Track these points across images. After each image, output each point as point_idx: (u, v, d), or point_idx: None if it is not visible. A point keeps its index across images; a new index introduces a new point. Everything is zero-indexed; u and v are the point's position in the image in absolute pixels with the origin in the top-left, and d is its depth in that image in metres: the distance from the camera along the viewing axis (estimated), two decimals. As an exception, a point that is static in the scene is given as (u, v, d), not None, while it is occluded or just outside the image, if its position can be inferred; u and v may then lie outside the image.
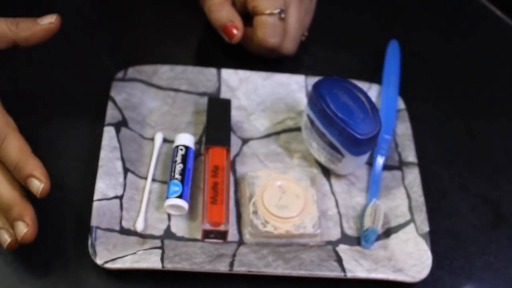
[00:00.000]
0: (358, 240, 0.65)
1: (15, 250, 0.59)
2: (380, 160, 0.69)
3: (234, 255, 0.61)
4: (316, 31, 0.79)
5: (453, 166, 0.72)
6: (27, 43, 0.62)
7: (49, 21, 0.63)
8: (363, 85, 0.72)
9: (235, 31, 0.72)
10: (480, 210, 0.69)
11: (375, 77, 0.75)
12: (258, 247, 0.63)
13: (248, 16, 0.73)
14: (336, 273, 0.61)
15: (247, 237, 0.64)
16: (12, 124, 0.61)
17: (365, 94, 0.66)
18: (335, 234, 0.65)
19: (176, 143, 0.67)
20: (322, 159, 0.68)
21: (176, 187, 0.64)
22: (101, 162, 0.64)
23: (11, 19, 0.63)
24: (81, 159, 0.66)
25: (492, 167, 0.73)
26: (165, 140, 0.69)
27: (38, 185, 0.58)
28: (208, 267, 0.60)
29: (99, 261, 0.59)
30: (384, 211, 0.66)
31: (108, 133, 0.66)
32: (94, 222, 0.61)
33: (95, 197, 0.62)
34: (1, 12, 0.64)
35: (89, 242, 0.60)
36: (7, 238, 0.58)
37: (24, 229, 0.57)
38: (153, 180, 0.66)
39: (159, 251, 0.61)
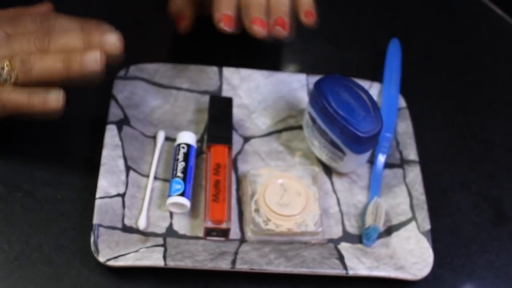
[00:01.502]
0: (359, 238, 0.65)
1: (19, 248, 0.59)
2: (381, 158, 0.69)
3: (236, 253, 0.61)
4: (318, 30, 0.79)
5: (454, 164, 0.72)
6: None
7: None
8: (364, 83, 0.72)
9: (183, 22, 0.72)
10: (481, 208, 0.69)
11: (377, 76, 0.75)
12: (260, 245, 0.63)
13: None
14: (337, 271, 0.61)
15: (249, 235, 0.64)
16: None
17: (366, 92, 0.67)
18: (337, 232, 0.65)
19: (178, 141, 0.67)
20: (324, 157, 0.68)
21: (178, 185, 0.64)
22: (103, 160, 0.64)
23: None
24: (83, 157, 0.66)
25: (493, 165, 0.73)
26: (167, 138, 0.69)
27: (110, 31, 0.62)
28: (210, 265, 0.60)
29: (101, 258, 0.59)
30: (386, 209, 0.66)
31: (110, 131, 0.66)
32: (96, 220, 0.61)
33: (97, 195, 0.62)
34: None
35: (92, 239, 0.60)
36: (96, 54, 0.60)
37: (116, 37, 0.61)
38: (155, 178, 0.66)
39: (162, 248, 0.61)
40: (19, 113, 0.61)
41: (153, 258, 0.60)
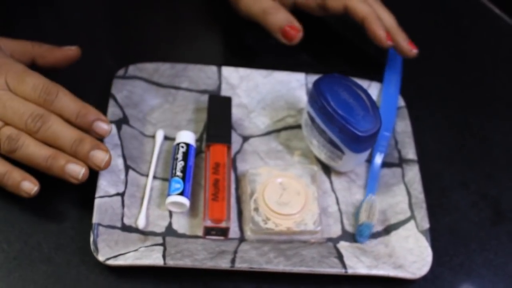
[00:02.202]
0: (354, 236, 0.65)
1: (19, 247, 0.59)
2: (378, 157, 0.69)
3: (235, 252, 0.61)
4: (316, 29, 0.79)
5: (453, 163, 0.72)
6: (44, 61, 0.66)
7: (69, 47, 0.67)
8: (363, 82, 0.72)
9: (296, 34, 0.73)
10: (480, 207, 0.69)
11: (376, 75, 0.75)
12: (259, 244, 0.63)
13: None
14: (337, 270, 0.61)
15: (248, 234, 0.64)
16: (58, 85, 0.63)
17: (365, 92, 0.67)
18: (336, 231, 0.65)
19: (177, 141, 0.67)
20: (323, 156, 0.69)
21: (177, 184, 0.64)
22: (103, 159, 0.64)
23: (37, 42, 0.67)
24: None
25: (492, 164, 0.73)
26: (166, 138, 0.69)
27: (105, 127, 0.63)
28: (209, 264, 0.60)
29: (101, 258, 0.59)
30: (384, 207, 0.67)
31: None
32: (95, 219, 0.61)
33: (97, 194, 0.62)
34: (3, 11, 0.64)
35: (91, 239, 0.60)
36: (80, 169, 0.60)
37: (105, 155, 0.61)
38: (154, 177, 0.66)
39: (161, 248, 0.61)
40: None
41: (152, 257, 0.60)
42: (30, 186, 0.61)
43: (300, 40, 0.73)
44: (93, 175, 0.63)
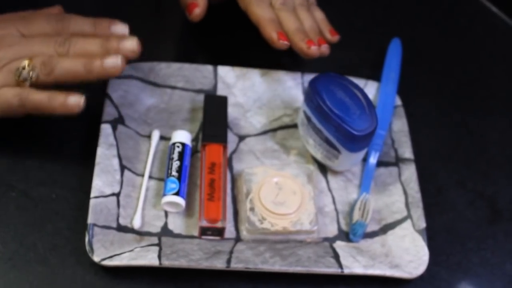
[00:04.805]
0: (347, 234, 0.65)
1: (14, 248, 0.59)
2: (373, 156, 0.69)
3: (231, 252, 0.61)
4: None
5: (450, 162, 0.72)
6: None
7: (51, 8, 0.68)
8: (359, 81, 0.72)
9: (196, 9, 0.72)
10: (477, 206, 0.69)
11: (372, 74, 0.75)
12: (255, 244, 0.63)
13: None
14: (333, 270, 0.61)
15: (244, 233, 0.64)
16: None
17: (361, 91, 0.66)
18: (332, 231, 0.65)
19: (172, 140, 0.67)
20: (319, 156, 0.68)
21: (173, 184, 0.64)
22: (98, 159, 0.64)
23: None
24: (78, 157, 0.66)
25: (488, 163, 0.73)
26: (161, 137, 0.69)
27: (122, 26, 0.65)
28: (205, 264, 0.60)
29: (96, 258, 0.59)
30: (380, 206, 0.67)
31: (105, 130, 0.66)
32: (91, 219, 0.61)
33: (92, 194, 0.62)
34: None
35: (86, 239, 0.60)
36: (116, 58, 0.62)
37: (132, 41, 0.63)
38: (150, 177, 0.66)
39: (156, 248, 0.61)
40: (38, 112, 0.62)
41: (148, 257, 0.59)
42: (76, 98, 0.62)
43: (201, 17, 0.72)
44: (89, 175, 0.63)
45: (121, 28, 0.66)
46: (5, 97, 0.61)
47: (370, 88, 0.74)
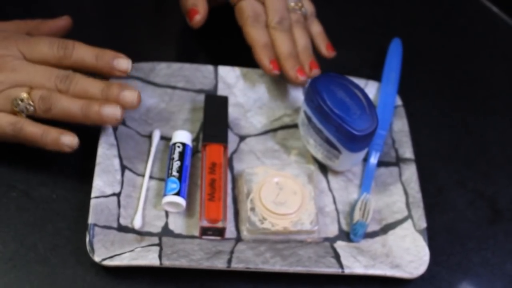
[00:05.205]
0: (348, 234, 0.65)
1: (14, 248, 0.59)
2: (374, 156, 0.69)
3: (232, 252, 0.61)
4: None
5: (450, 162, 0.72)
6: (39, 33, 0.66)
7: (60, 18, 0.68)
8: (360, 81, 0.72)
9: (196, 16, 0.72)
10: (477, 206, 0.69)
11: (373, 74, 0.75)
12: (255, 244, 0.63)
13: None
14: (333, 270, 0.61)
15: (244, 233, 0.64)
16: None
17: (362, 91, 0.66)
18: (333, 231, 0.65)
19: (173, 140, 0.67)
20: (319, 156, 0.68)
21: (173, 184, 0.64)
22: (99, 159, 0.64)
23: (28, 19, 0.67)
24: (79, 157, 0.66)
25: (488, 163, 0.73)
26: (162, 138, 0.69)
27: (125, 61, 0.65)
28: (206, 264, 0.60)
29: (97, 258, 0.59)
30: (381, 206, 0.67)
31: (106, 130, 0.66)
32: (91, 219, 0.61)
33: (93, 194, 0.62)
34: None
35: (87, 239, 0.60)
36: (115, 108, 0.62)
37: (134, 93, 0.63)
38: (151, 177, 0.66)
39: (157, 248, 0.61)
40: (29, 144, 0.63)
41: (148, 257, 0.59)
42: (69, 138, 0.62)
43: (201, 24, 0.72)
44: (90, 175, 0.63)
45: (124, 63, 0.65)
46: None
47: (371, 88, 0.74)
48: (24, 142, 0.63)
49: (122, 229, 0.62)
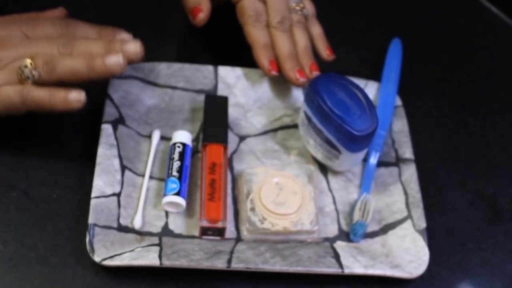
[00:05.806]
0: (347, 235, 0.65)
1: (14, 248, 0.59)
2: (374, 156, 0.69)
3: (232, 252, 0.61)
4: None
5: (450, 162, 0.72)
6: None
7: (55, 9, 0.68)
8: (360, 82, 0.72)
9: (200, 14, 0.72)
10: (477, 206, 0.69)
11: (373, 74, 0.75)
12: (255, 244, 0.63)
13: None
14: (333, 270, 0.61)
15: (244, 234, 0.64)
16: None
17: (362, 91, 0.67)
18: (333, 231, 0.65)
19: (173, 141, 0.67)
20: (319, 156, 0.68)
21: (173, 184, 0.64)
22: (99, 159, 0.64)
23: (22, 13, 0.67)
24: (79, 157, 0.66)
25: (488, 163, 0.73)
26: (162, 138, 0.69)
27: (126, 35, 0.66)
28: (206, 264, 0.60)
29: (97, 258, 0.59)
30: (380, 207, 0.67)
31: (106, 130, 0.66)
32: (91, 219, 0.61)
33: (93, 194, 0.62)
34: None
35: (87, 239, 0.60)
36: (118, 57, 0.62)
37: (136, 44, 0.63)
38: (151, 177, 0.66)
39: (157, 248, 0.61)
40: (39, 109, 0.63)
41: (148, 257, 0.59)
42: (77, 94, 0.62)
43: (205, 22, 0.72)
44: (90, 175, 0.63)
45: (125, 36, 0.66)
46: (7, 94, 0.62)
47: (371, 88, 0.74)
48: (33, 108, 0.62)
49: (122, 229, 0.62)
